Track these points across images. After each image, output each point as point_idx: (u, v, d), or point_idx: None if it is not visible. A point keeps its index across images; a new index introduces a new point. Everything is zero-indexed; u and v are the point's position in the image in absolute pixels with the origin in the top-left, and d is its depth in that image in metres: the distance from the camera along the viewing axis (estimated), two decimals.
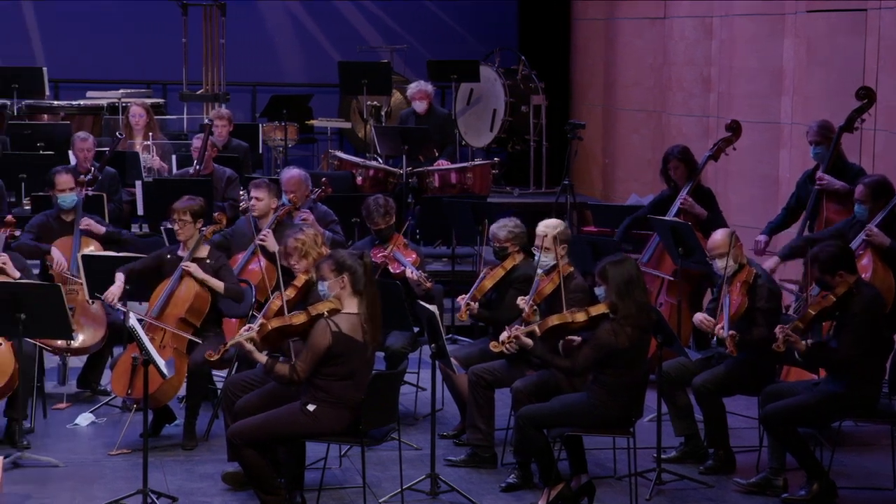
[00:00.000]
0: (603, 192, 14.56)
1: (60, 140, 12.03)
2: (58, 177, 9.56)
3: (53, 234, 9.52)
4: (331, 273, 6.99)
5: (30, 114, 13.30)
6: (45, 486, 7.52)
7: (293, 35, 16.34)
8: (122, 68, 15.29)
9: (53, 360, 9.55)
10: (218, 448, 7.99)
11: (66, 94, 14.81)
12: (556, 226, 7.95)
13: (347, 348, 6.87)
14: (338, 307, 6.97)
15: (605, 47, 14.60)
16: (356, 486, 7.51)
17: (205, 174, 11.10)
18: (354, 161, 12.73)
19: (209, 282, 8.32)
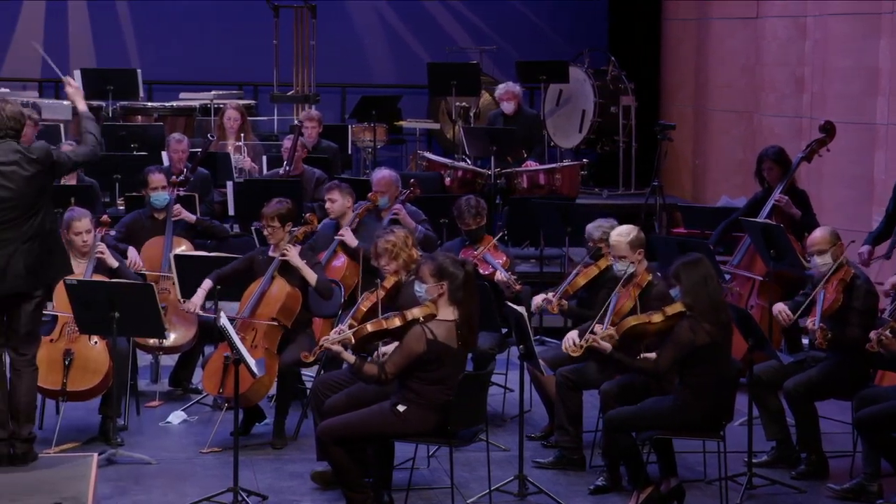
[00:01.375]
0: (693, 194, 14.43)
1: (154, 141, 12.18)
2: (151, 176, 9.69)
3: (145, 232, 9.64)
4: (431, 277, 6.98)
5: (124, 115, 13.48)
6: (138, 483, 7.61)
7: (382, 36, 16.40)
8: (214, 70, 15.45)
9: (146, 359, 9.66)
10: (307, 447, 8.03)
11: (160, 95, 15.00)
12: (628, 232, 7.89)
13: (441, 355, 6.86)
14: (433, 312, 6.96)
15: (696, 48, 14.48)
16: (444, 486, 7.51)
17: (294, 175, 11.18)
18: (443, 162, 12.74)
19: (304, 270, 8.37)
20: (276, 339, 8.35)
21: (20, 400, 7.24)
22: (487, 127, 13.00)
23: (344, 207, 9.33)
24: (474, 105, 14.56)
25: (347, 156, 13.31)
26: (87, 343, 8.25)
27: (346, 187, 9.44)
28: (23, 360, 7.28)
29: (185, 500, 7.28)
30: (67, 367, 8.13)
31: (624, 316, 7.48)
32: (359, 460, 7.09)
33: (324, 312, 8.80)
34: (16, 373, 7.26)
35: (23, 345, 7.28)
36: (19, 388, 7.25)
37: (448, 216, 9.81)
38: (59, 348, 8.20)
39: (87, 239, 8.55)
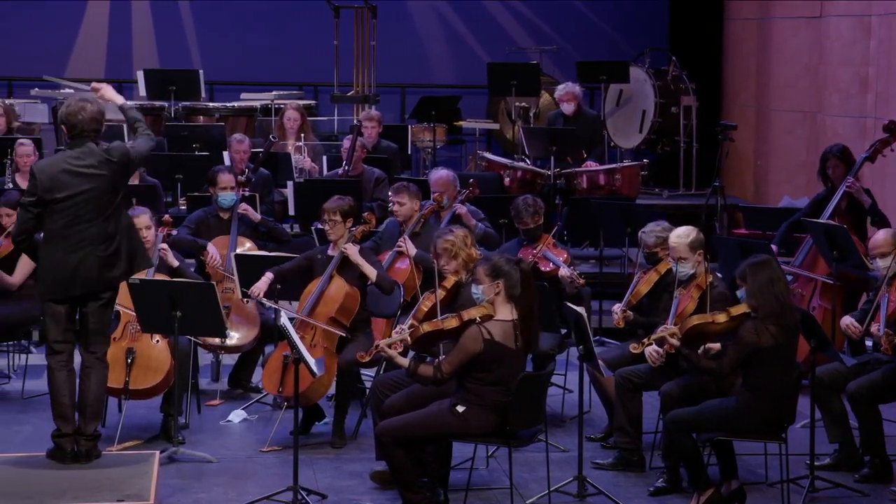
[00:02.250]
0: (755, 194, 14.33)
1: (215, 141, 12.26)
2: (220, 175, 9.75)
3: (210, 231, 9.71)
4: (486, 277, 6.97)
5: (186, 115, 13.59)
6: (199, 481, 7.66)
7: (442, 36, 16.42)
8: (275, 70, 15.54)
9: (207, 358, 9.72)
10: (367, 447, 8.05)
11: (221, 95, 15.10)
12: (687, 233, 7.84)
13: (498, 355, 6.85)
14: (491, 313, 6.95)
15: (758, 47, 14.37)
16: (503, 487, 7.50)
17: (354, 175, 11.22)
18: (502, 162, 12.72)
19: (363, 267, 8.40)
20: (335, 339, 8.37)
21: (88, 397, 7.32)
22: (547, 127, 12.97)
23: (411, 211, 9.33)
24: (534, 105, 14.53)
25: (407, 156, 13.33)
26: (149, 342, 8.32)
27: (414, 190, 9.42)
28: (93, 357, 7.35)
29: (246, 499, 7.31)
30: (130, 365, 8.20)
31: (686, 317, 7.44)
32: (417, 460, 7.09)
33: (383, 312, 8.81)
34: (86, 370, 7.34)
35: (93, 343, 7.35)
36: (89, 385, 7.32)
37: (507, 216, 9.79)
38: (122, 347, 8.27)
39: (147, 235, 8.62)
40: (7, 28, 15.61)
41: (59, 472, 7.14)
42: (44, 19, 15.65)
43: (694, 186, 14.23)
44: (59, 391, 7.27)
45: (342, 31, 14.26)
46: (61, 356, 7.29)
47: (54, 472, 7.15)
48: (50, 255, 7.20)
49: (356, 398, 8.76)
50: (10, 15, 15.56)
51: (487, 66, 14.29)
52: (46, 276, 7.24)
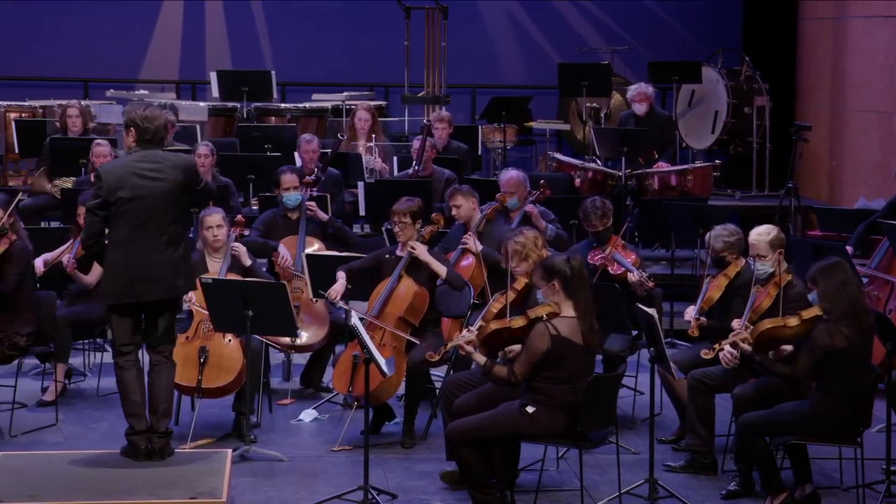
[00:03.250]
0: (829, 196, 14.16)
1: (287, 142, 12.33)
2: (283, 176, 9.82)
3: (279, 231, 9.77)
4: (542, 281, 6.99)
5: (258, 116, 13.68)
6: (270, 480, 7.70)
7: (513, 37, 16.40)
8: (346, 71, 15.60)
9: (278, 357, 9.78)
10: (437, 447, 8.05)
11: (293, 96, 15.19)
12: (768, 232, 7.77)
13: (566, 351, 6.85)
14: (556, 311, 6.95)
15: (833, 47, 14.21)
16: (573, 488, 7.48)
17: (424, 175, 11.23)
18: (573, 163, 12.68)
19: (432, 264, 8.41)
20: (404, 339, 8.38)
21: (159, 395, 7.39)
22: (618, 128, 12.91)
23: (470, 211, 9.34)
24: (605, 106, 14.47)
25: (477, 157, 13.32)
26: (221, 341, 8.39)
27: (466, 189, 9.44)
28: (161, 357, 7.43)
29: (317, 498, 7.34)
30: (202, 364, 8.27)
31: (761, 315, 7.38)
32: (487, 461, 7.09)
33: (452, 312, 8.81)
34: (154, 369, 7.41)
35: (161, 343, 7.42)
36: (158, 383, 7.39)
37: (578, 217, 9.74)
38: (195, 346, 8.34)
39: (219, 234, 8.68)
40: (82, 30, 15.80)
41: (133, 470, 7.21)
42: (118, 21, 15.82)
43: (767, 188, 14.09)
44: (130, 389, 7.34)
45: (413, 32, 14.28)
46: (129, 356, 7.35)
47: (129, 469, 7.22)
48: (116, 259, 7.24)
49: (426, 398, 8.77)
50: (85, 17, 15.75)
51: (558, 66, 14.25)
52: (113, 281, 7.26)
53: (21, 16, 15.74)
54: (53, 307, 8.73)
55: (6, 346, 8.34)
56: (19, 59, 15.56)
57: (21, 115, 13.54)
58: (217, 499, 6.77)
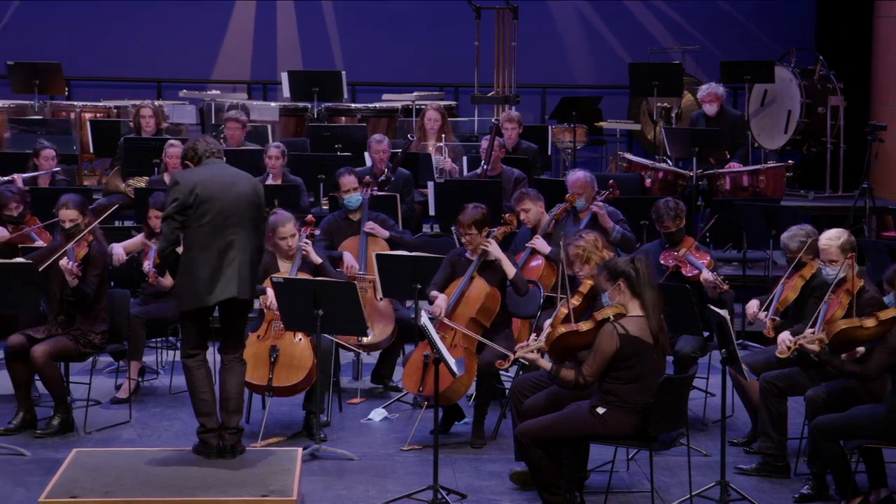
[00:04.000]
0: None
1: (357, 142, 12.38)
2: (342, 178, 9.84)
3: (342, 233, 9.80)
4: (607, 283, 6.97)
5: (329, 116, 13.75)
6: (340, 478, 7.72)
7: (583, 37, 16.34)
8: (416, 71, 15.63)
9: (348, 356, 9.81)
10: (506, 447, 8.05)
11: (363, 96, 15.24)
12: (838, 236, 7.67)
13: (635, 350, 6.82)
14: (623, 311, 6.92)
15: None
16: (644, 490, 7.44)
17: (493, 175, 11.22)
18: (643, 163, 12.62)
19: (503, 262, 8.40)
20: (475, 339, 8.37)
21: (230, 392, 7.46)
22: (689, 128, 12.83)
23: (538, 214, 9.33)
24: (676, 106, 14.39)
25: (547, 157, 13.29)
26: (291, 340, 8.43)
27: (533, 193, 9.41)
28: (231, 356, 7.50)
29: (387, 497, 7.36)
30: (273, 363, 8.32)
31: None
32: (557, 462, 7.07)
33: (522, 313, 8.80)
34: (225, 367, 7.49)
35: (232, 345, 7.50)
36: (229, 381, 7.46)
37: (648, 218, 9.70)
38: (266, 345, 8.39)
39: (292, 243, 8.72)
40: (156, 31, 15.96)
41: (204, 467, 7.28)
42: (192, 22, 15.97)
43: (841, 188, 13.93)
44: (200, 388, 7.41)
45: (483, 32, 14.27)
46: (198, 356, 7.44)
47: (200, 466, 7.30)
48: (193, 263, 7.31)
49: (496, 399, 8.76)
50: (159, 18, 15.90)
51: (629, 66, 14.19)
52: (189, 285, 7.34)
53: (96, 17, 15.93)
54: (127, 306, 8.82)
55: (81, 344, 8.45)
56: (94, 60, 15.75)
57: (96, 115, 13.71)
58: (288, 497, 6.82)
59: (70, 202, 8.61)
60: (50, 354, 8.29)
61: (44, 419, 8.51)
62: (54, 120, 13.53)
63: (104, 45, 15.88)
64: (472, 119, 14.25)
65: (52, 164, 11.30)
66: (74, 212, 8.56)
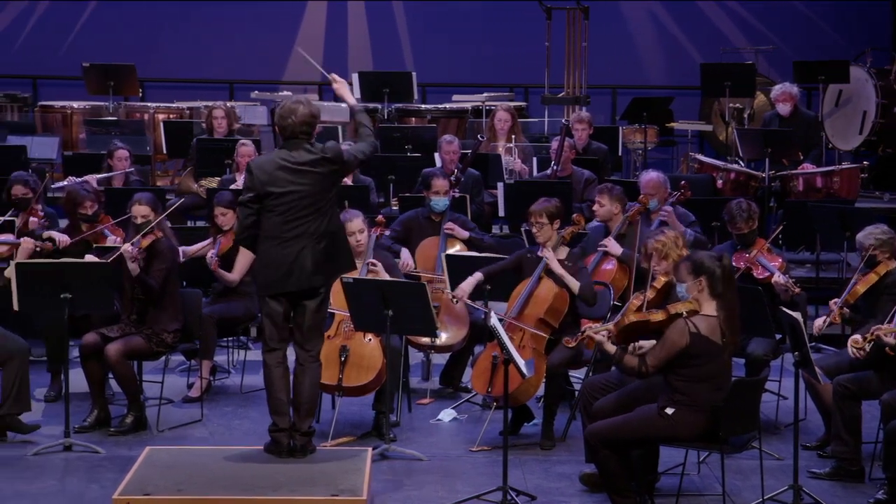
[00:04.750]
0: None
1: (427, 142, 12.39)
2: (434, 180, 9.83)
3: (421, 232, 9.81)
4: (688, 275, 6.90)
5: (399, 117, 13.79)
6: (410, 478, 7.73)
7: (655, 37, 16.27)
8: (486, 72, 15.63)
9: (417, 357, 9.82)
10: (576, 449, 8.02)
11: (433, 97, 15.28)
12: None
13: (704, 350, 6.76)
14: (696, 308, 6.87)
15: None
16: (715, 493, 7.38)
17: (563, 176, 11.20)
18: (715, 164, 12.52)
19: (565, 278, 8.37)
20: (544, 340, 8.36)
21: (303, 394, 7.49)
22: (762, 129, 12.72)
23: (611, 213, 9.29)
24: (748, 106, 14.28)
25: (617, 157, 13.24)
26: (361, 340, 8.45)
27: (616, 193, 9.36)
28: (308, 355, 7.53)
29: (456, 497, 7.36)
30: (343, 363, 8.35)
31: None
32: (627, 464, 7.04)
33: (592, 314, 8.75)
34: (301, 368, 7.53)
35: (308, 341, 7.53)
36: (303, 382, 7.50)
37: (719, 219, 9.64)
38: (336, 345, 8.42)
39: (361, 239, 8.74)
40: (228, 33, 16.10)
41: (275, 466, 7.32)
42: (263, 23, 16.08)
43: None
44: (276, 387, 7.47)
45: (554, 33, 14.24)
46: (277, 353, 7.49)
47: (271, 465, 7.34)
48: (267, 252, 7.41)
49: (565, 400, 8.73)
50: (231, 20, 16.03)
51: (700, 66, 14.10)
52: (263, 272, 7.45)
53: (169, 19, 16.10)
54: (199, 305, 8.90)
55: (154, 342, 8.53)
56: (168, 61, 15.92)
57: (169, 116, 13.86)
58: (357, 496, 6.84)
59: (143, 199, 8.72)
60: (123, 353, 8.38)
61: (117, 417, 8.61)
62: (128, 121, 13.69)
63: (177, 47, 16.04)
64: (542, 120, 14.24)
65: (126, 165, 11.43)
66: (146, 208, 8.66)
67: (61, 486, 7.53)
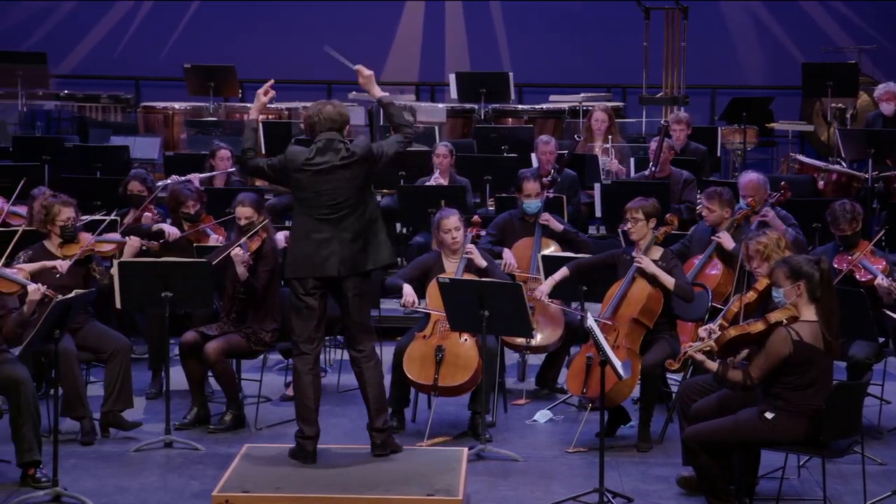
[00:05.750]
0: None
1: (524, 143, 12.38)
2: (526, 183, 9.81)
3: (515, 233, 9.81)
4: (786, 280, 6.81)
5: (496, 117, 13.79)
6: (505, 479, 7.72)
7: (755, 36, 16.11)
8: (583, 72, 15.57)
9: (513, 357, 9.81)
10: (673, 451, 7.96)
11: (530, 97, 15.26)
12: None
13: (807, 357, 6.67)
14: (795, 315, 6.77)
15: None
16: (816, 498, 7.28)
17: (661, 177, 11.12)
18: (816, 165, 12.37)
19: (660, 277, 8.30)
20: (639, 340, 8.31)
21: (370, 394, 7.50)
22: (865, 129, 12.52)
23: (721, 218, 9.19)
24: (851, 106, 14.06)
25: (716, 158, 13.13)
26: (457, 340, 8.45)
27: (727, 198, 9.22)
28: (361, 356, 7.52)
29: (552, 499, 7.33)
30: (439, 362, 8.36)
31: None
32: (725, 467, 6.96)
33: (689, 316, 8.67)
34: (358, 370, 7.54)
35: (358, 342, 7.52)
36: (367, 381, 7.51)
37: (821, 220, 9.51)
38: (432, 344, 8.44)
39: (457, 236, 8.75)
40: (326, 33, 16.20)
41: (371, 465, 7.36)
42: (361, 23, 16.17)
43: None
44: (305, 394, 7.46)
45: (652, 32, 14.15)
46: (307, 359, 7.46)
47: (368, 464, 7.38)
48: (297, 241, 7.44)
49: (661, 401, 8.67)
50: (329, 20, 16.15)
51: (802, 66, 13.92)
52: (291, 258, 7.45)
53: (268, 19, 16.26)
54: None
55: (252, 341, 8.61)
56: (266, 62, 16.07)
57: (268, 116, 13.98)
58: (453, 496, 6.85)
59: (246, 200, 8.82)
60: (222, 351, 8.47)
61: (216, 415, 8.71)
62: (228, 121, 13.84)
63: (276, 48, 16.19)
64: (639, 120, 14.15)
65: (228, 165, 11.55)
66: (250, 209, 8.76)
67: (163, 482, 7.63)
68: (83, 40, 16.81)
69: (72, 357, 8.07)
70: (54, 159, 12.13)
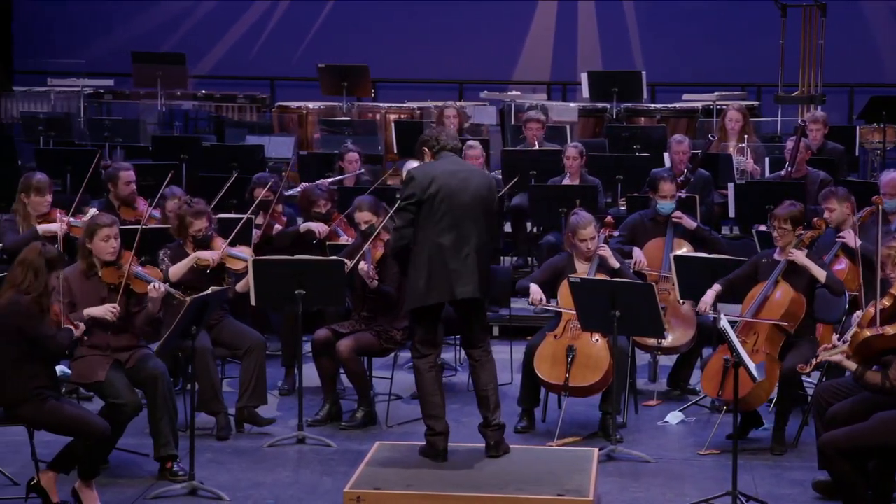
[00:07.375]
0: None
1: (656, 142, 12.28)
2: (662, 183, 9.73)
3: (646, 233, 9.74)
4: None
5: (628, 116, 13.70)
6: (636, 480, 7.69)
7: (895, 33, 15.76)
8: (718, 71, 15.40)
9: (644, 358, 9.75)
10: (808, 455, 7.84)
11: (662, 96, 15.13)
12: None
13: None
14: None
15: None
16: None
17: (797, 177, 10.95)
18: None
19: (812, 269, 8.21)
20: (779, 344, 8.19)
21: (485, 391, 7.50)
22: None
23: (843, 215, 9.02)
24: None
25: (854, 158, 12.88)
26: (588, 340, 8.43)
27: (842, 192, 9.08)
28: (480, 352, 7.54)
29: (684, 501, 7.28)
30: (570, 362, 8.34)
31: None
32: (863, 473, 6.83)
33: (827, 318, 8.54)
34: (476, 363, 7.54)
35: (477, 339, 7.54)
36: (482, 377, 7.51)
37: None
38: (563, 344, 8.42)
39: (591, 246, 8.69)
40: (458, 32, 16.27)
41: (502, 464, 7.37)
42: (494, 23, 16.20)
43: None
44: (431, 392, 7.46)
45: (788, 30, 13.92)
46: (428, 358, 7.47)
47: (498, 463, 7.39)
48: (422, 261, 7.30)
49: (797, 405, 8.53)
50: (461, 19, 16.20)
51: None
52: (416, 283, 7.34)
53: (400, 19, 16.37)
54: None
55: (383, 339, 8.69)
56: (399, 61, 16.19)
57: (400, 116, 14.08)
58: (584, 497, 6.83)
59: (363, 204, 8.87)
60: (354, 349, 8.55)
61: (348, 412, 8.80)
62: (361, 121, 13.97)
63: (408, 48, 16.29)
64: (774, 119, 13.95)
65: (356, 167, 11.66)
66: (368, 213, 8.82)
67: (295, 478, 7.74)
68: (220, 41, 17.11)
69: (208, 353, 8.23)
70: (191, 158, 12.37)
